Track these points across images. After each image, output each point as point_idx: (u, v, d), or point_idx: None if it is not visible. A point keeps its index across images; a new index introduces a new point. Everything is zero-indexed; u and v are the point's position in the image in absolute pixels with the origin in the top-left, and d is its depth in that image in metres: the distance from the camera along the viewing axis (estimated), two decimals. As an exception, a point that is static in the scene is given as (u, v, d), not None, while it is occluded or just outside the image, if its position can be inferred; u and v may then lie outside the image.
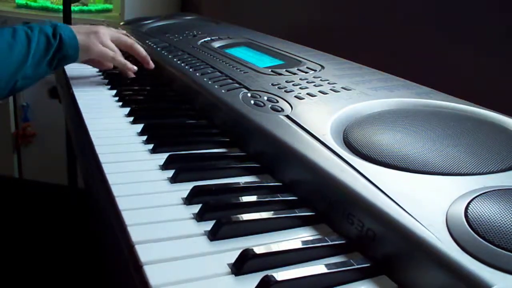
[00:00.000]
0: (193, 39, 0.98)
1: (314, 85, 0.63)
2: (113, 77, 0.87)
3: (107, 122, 0.65)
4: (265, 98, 0.59)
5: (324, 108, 0.55)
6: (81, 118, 0.65)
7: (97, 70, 0.92)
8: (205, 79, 0.70)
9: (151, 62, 0.87)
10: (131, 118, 0.66)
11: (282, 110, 0.55)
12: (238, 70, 0.72)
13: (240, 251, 0.35)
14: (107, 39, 0.81)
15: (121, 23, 1.29)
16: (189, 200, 0.44)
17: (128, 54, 0.87)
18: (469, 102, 0.57)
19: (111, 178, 0.47)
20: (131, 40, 0.86)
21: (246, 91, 0.63)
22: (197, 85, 0.70)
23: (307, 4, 1.17)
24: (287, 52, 0.83)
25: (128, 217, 0.40)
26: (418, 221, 0.33)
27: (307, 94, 0.60)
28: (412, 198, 0.36)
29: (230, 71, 0.72)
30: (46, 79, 0.81)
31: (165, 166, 0.50)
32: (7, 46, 0.68)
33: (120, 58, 0.83)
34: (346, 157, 0.43)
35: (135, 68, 0.85)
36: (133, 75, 0.85)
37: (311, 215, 0.42)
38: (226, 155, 0.55)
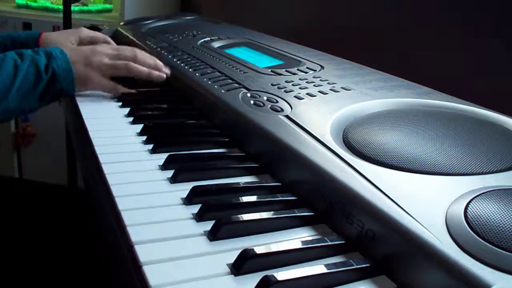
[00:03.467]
0: (193, 39, 0.98)
1: (314, 85, 0.63)
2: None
3: (107, 122, 0.65)
4: (265, 98, 0.59)
5: (324, 108, 0.55)
6: (81, 118, 0.65)
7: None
8: (205, 79, 0.70)
9: (153, 73, 0.78)
10: (131, 118, 0.66)
11: (282, 110, 0.55)
12: (238, 70, 0.72)
13: (239, 251, 0.35)
14: (105, 66, 0.75)
15: (121, 23, 1.29)
16: (188, 200, 0.44)
17: None
18: (469, 102, 0.57)
19: (111, 178, 0.47)
20: (124, 65, 0.76)
21: (246, 91, 0.63)
22: (197, 85, 0.70)
23: (307, 4, 1.17)
24: (287, 52, 0.83)
25: (128, 217, 0.40)
26: (417, 221, 0.33)
27: (307, 94, 0.60)
28: (412, 198, 0.36)
29: (230, 71, 0.72)
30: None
31: (165, 166, 0.50)
32: None
33: (121, 89, 0.77)
34: (346, 157, 0.43)
35: (135, 91, 0.79)
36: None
37: (310, 215, 0.42)
38: (226, 155, 0.55)
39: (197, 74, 0.73)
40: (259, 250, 0.35)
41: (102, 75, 0.75)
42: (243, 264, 0.34)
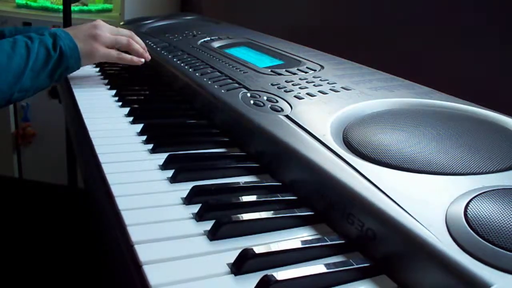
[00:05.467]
0: (193, 39, 0.98)
1: (314, 85, 0.63)
2: (113, 77, 0.87)
3: (107, 122, 0.65)
4: (265, 98, 0.59)
5: (324, 108, 0.55)
6: (81, 118, 0.65)
7: (97, 70, 0.92)
8: (205, 79, 0.70)
9: (146, 54, 0.86)
10: (131, 118, 0.66)
11: (282, 110, 0.55)
12: (238, 70, 0.72)
13: (239, 251, 0.35)
14: (108, 39, 0.80)
15: (121, 23, 1.29)
16: (188, 200, 0.44)
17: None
18: (469, 102, 0.57)
19: (110, 178, 0.47)
20: (127, 41, 0.83)
21: (246, 91, 0.63)
22: (197, 85, 0.70)
23: (307, 4, 1.17)
24: (287, 52, 0.83)
25: (127, 217, 0.40)
26: (417, 221, 0.33)
27: (307, 94, 0.60)
28: (412, 198, 0.36)
29: (230, 71, 0.72)
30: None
31: (164, 166, 0.50)
32: (6, 57, 0.67)
33: (125, 56, 0.83)
34: (346, 157, 0.43)
35: (142, 60, 0.85)
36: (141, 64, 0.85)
37: (310, 215, 0.42)
38: (226, 155, 0.55)
39: (197, 74, 0.73)
40: (259, 249, 0.35)
41: (106, 47, 0.80)
42: (243, 263, 0.34)
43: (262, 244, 0.36)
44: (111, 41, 0.81)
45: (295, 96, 0.59)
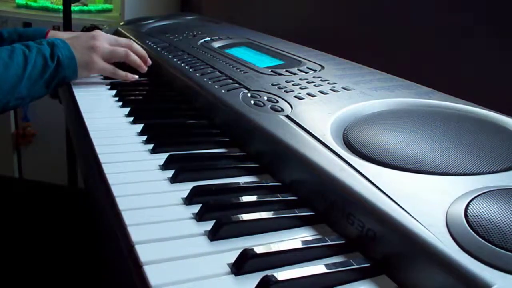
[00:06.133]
0: (193, 39, 0.98)
1: (314, 85, 0.63)
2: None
3: (107, 122, 0.65)
4: (265, 98, 0.59)
5: (324, 108, 0.55)
6: (81, 118, 0.65)
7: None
8: (205, 79, 0.70)
9: (143, 66, 0.85)
10: (131, 118, 0.66)
11: (282, 110, 0.55)
12: (238, 70, 0.72)
13: (240, 251, 0.35)
14: (106, 50, 0.80)
15: (121, 23, 1.29)
16: (189, 200, 0.44)
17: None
18: (469, 102, 0.57)
19: (111, 178, 0.47)
20: (125, 52, 0.82)
21: (246, 91, 0.63)
22: (197, 85, 0.70)
23: (307, 4, 1.17)
24: (287, 52, 0.83)
25: (128, 217, 0.40)
26: (418, 221, 0.33)
27: (307, 94, 0.60)
28: (412, 198, 0.36)
29: (230, 71, 0.72)
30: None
31: (165, 166, 0.50)
32: (3, 66, 0.67)
33: (119, 73, 0.82)
34: (346, 157, 0.43)
35: (136, 76, 0.84)
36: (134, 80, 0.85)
37: (311, 215, 0.42)
38: (226, 155, 0.55)
39: (197, 74, 0.73)
40: (259, 250, 0.35)
41: (103, 59, 0.80)
42: (244, 264, 0.34)
43: (263, 244, 0.36)
44: (109, 52, 0.80)
45: (295, 96, 0.59)
